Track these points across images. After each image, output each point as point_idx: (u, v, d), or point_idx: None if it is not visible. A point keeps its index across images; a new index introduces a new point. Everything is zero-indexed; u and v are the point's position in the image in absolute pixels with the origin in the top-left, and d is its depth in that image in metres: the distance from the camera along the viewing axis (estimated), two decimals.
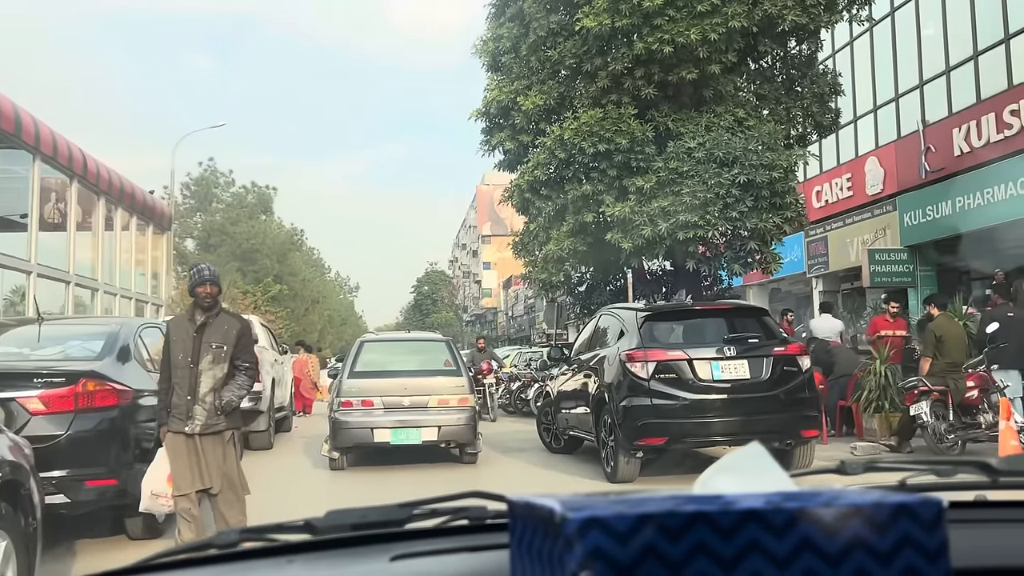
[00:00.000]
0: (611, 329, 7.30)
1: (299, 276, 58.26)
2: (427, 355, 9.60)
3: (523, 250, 14.76)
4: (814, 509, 0.60)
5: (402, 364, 9.35)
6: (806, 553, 0.59)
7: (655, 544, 0.58)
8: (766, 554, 0.59)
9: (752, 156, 12.00)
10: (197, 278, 4.92)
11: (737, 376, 6.45)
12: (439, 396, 8.83)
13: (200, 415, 4.79)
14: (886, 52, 18.49)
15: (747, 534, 0.59)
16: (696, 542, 0.58)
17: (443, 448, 9.28)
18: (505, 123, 14.29)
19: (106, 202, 12.18)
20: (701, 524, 0.59)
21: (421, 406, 8.76)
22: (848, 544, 0.60)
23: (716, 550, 0.58)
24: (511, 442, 11.43)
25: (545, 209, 13.59)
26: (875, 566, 0.60)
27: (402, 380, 8.91)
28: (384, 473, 8.76)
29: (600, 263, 14.03)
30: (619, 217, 12.35)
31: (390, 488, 7.59)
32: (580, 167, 12.81)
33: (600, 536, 0.57)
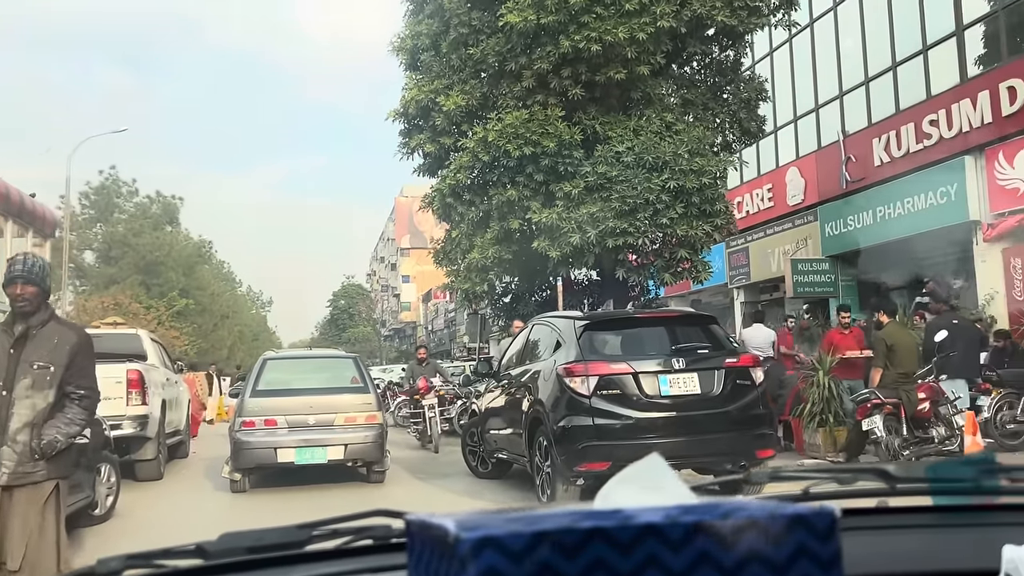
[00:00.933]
0: (545, 340, 6.57)
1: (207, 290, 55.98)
2: (333, 372, 9.41)
3: (445, 259, 13.99)
4: (711, 522, 0.60)
5: (307, 382, 9.08)
6: (703, 567, 0.59)
7: (551, 562, 0.57)
8: (664, 569, 0.59)
9: (682, 161, 11.59)
10: (7, 275, 3.74)
11: (687, 391, 5.80)
12: (345, 414, 8.63)
13: (8, 459, 3.55)
14: (806, 63, 18.57)
15: (645, 549, 0.59)
16: (593, 559, 0.58)
17: (350, 468, 9.06)
18: (425, 124, 13.53)
19: None
20: (598, 540, 0.58)
21: (327, 424, 8.55)
22: (745, 556, 0.60)
23: (614, 566, 0.58)
24: (432, 465, 10.60)
25: (468, 215, 12.87)
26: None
27: (307, 398, 8.67)
28: (289, 494, 8.47)
29: (526, 272, 13.39)
30: (546, 224, 11.74)
31: (295, 510, 7.17)
32: (505, 171, 12.16)
33: (494, 555, 0.57)
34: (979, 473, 1.08)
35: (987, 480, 1.09)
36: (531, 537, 0.57)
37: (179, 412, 10.50)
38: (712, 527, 0.60)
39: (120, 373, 7.89)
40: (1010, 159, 12.98)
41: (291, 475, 8.82)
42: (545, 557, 0.57)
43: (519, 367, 6.93)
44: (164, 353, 10.33)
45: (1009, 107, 12.84)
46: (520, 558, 0.57)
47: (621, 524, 0.59)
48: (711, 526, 0.61)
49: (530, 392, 6.30)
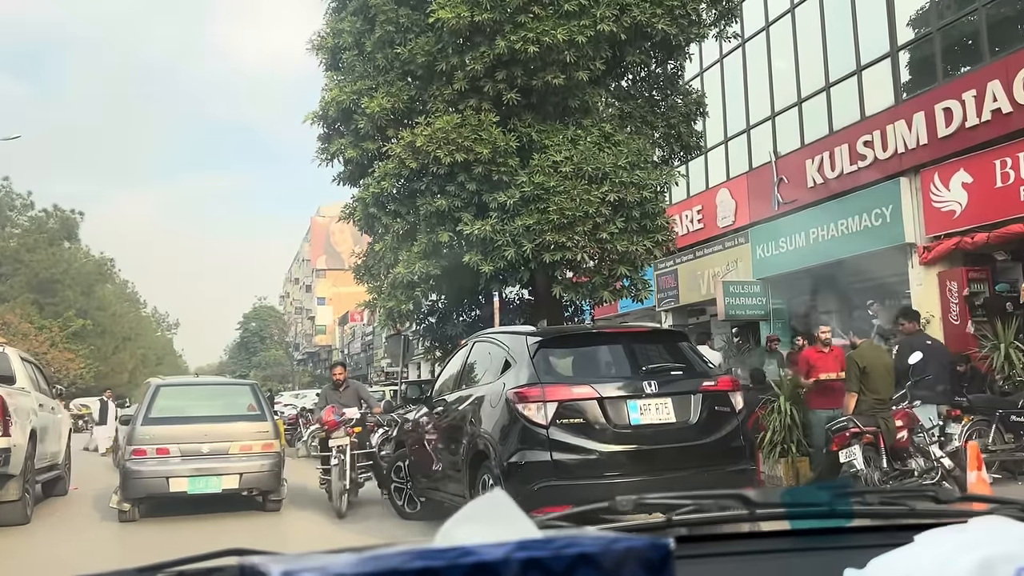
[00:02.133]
0: (490, 360, 5.58)
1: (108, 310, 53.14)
2: (228, 399, 9.31)
3: (366, 274, 12.94)
4: (543, 558, 0.59)
5: (201, 409, 8.89)
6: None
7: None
8: None
9: (622, 173, 10.94)
10: None
11: (660, 419, 4.90)
12: (241, 442, 8.55)
13: None
14: (737, 83, 18.38)
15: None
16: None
17: (245, 497, 8.88)
18: (346, 129, 12.52)
19: None
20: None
21: (222, 453, 8.44)
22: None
23: None
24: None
25: (393, 227, 11.89)
26: None
27: (201, 426, 8.52)
28: (181, 524, 8.23)
29: (454, 289, 12.47)
30: (478, 236, 10.88)
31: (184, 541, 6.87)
32: (434, 179, 11.26)
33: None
34: (833, 497, 1.14)
35: (840, 504, 1.13)
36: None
37: (56, 443, 9.10)
38: (544, 563, 0.60)
39: None
40: (946, 181, 12.85)
41: (185, 504, 8.62)
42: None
43: (457, 391, 5.93)
44: (39, 375, 8.93)
45: (945, 129, 12.73)
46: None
47: (451, 563, 0.58)
48: (543, 562, 0.60)
49: (472, 421, 5.31)
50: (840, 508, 1.12)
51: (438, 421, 6.11)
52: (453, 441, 5.59)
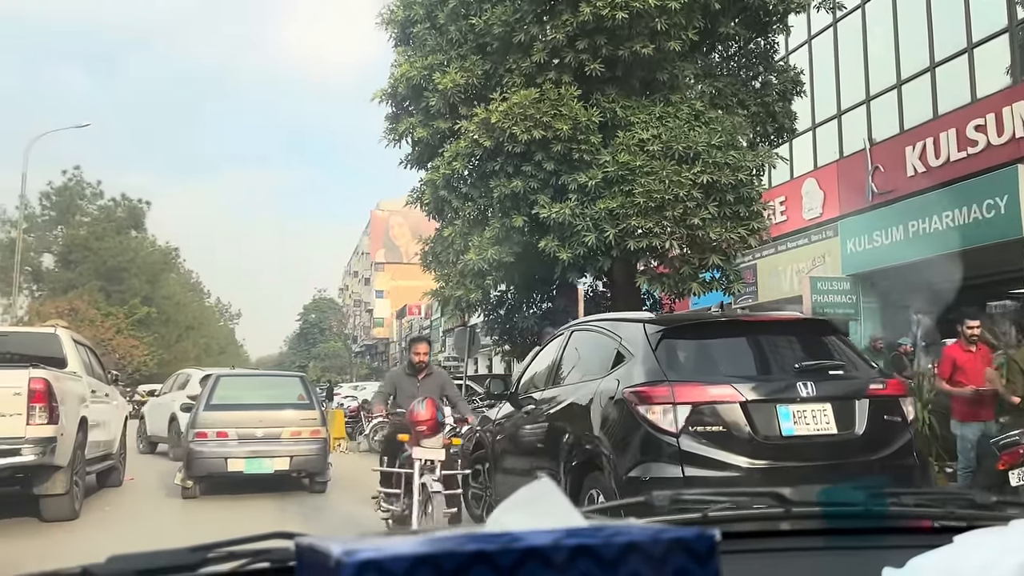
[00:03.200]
0: (596, 352, 4.68)
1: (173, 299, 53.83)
2: (281, 389, 10.09)
3: (434, 261, 12.22)
4: (594, 545, 0.60)
5: (256, 398, 9.66)
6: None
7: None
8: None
9: (716, 153, 9.98)
10: None
11: (818, 430, 3.94)
12: (291, 428, 9.25)
13: None
14: (827, 66, 17.16)
15: (527, 573, 0.58)
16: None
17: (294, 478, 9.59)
18: (416, 107, 11.82)
19: None
20: (480, 564, 0.58)
21: (274, 437, 9.15)
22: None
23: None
24: None
25: (464, 211, 11.14)
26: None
27: (256, 413, 9.24)
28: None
29: (527, 278, 11.67)
30: (556, 220, 10.06)
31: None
32: (510, 159, 10.46)
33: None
34: (868, 497, 1.15)
35: (876, 504, 1.14)
36: (413, 560, 0.57)
37: (107, 432, 8.58)
38: (594, 550, 0.60)
39: (19, 382, 6.03)
40: None
41: (240, 484, 9.32)
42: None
43: (551, 388, 5.07)
44: (93, 359, 8.42)
45: None
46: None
47: (503, 547, 0.59)
48: (593, 549, 0.60)
49: (574, 424, 4.44)
50: (876, 508, 1.13)
51: (528, 421, 5.26)
52: (549, 445, 4.74)
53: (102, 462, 8.36)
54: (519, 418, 5.49)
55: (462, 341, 14.03)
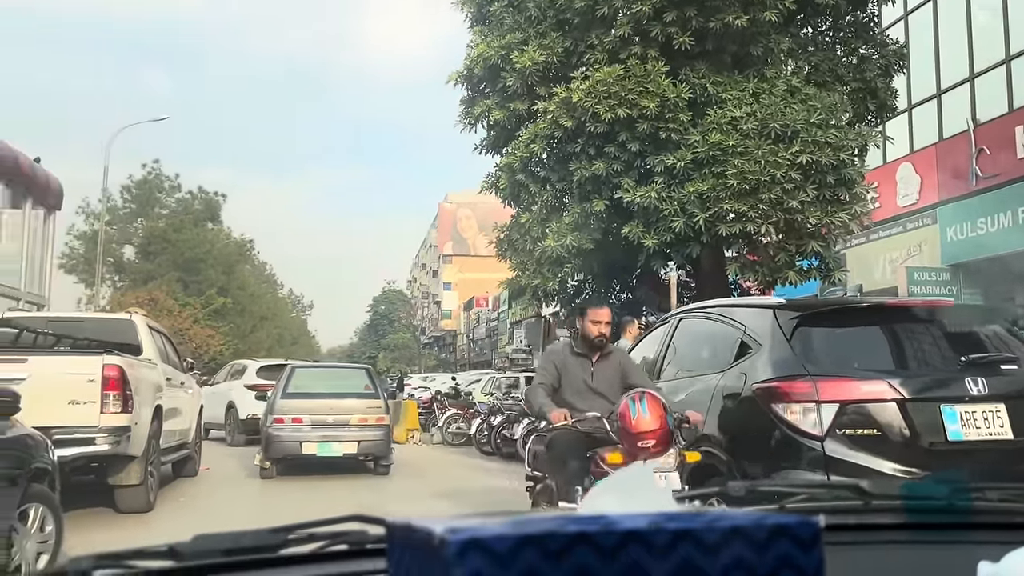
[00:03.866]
0: (712, 342, 4.08)
1: (247, 290, 54.84)
2: (349, 380, 10.82)
3: (509, 249, 11.78)
4: (695, 530, 0.60)
5: (328, 387, 10.37)
6: (687, 574, 0.59)
7: (536, 566, 0.57)
8: (647, 575, 0.58)
9: (815, 131, 9.28)
10: None
11: (992, 434, 3.31)
12: (359, 415, 9.98)
13: None
14: (924, 42, 16.06)
15: (629, 555, 0.58)
16: (577, 563, 0.57)
17: (360, 460, 10.35)
18: (492, 88, 11.39)
19: None
20: (583, 545, 0.58)
21: (343, 423, 9.89)
22: (728, 565, 0.60)
23: (597, 571, 0.58)
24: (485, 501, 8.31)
25: (543, 196, 10.68)
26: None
27: (327, 401, 9.97)
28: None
29: (607, 266, 11.13)
30: (641, 205, 9.51)
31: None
32: (592, 140, 9.95)
33: (480, 558, 0.56)
34: (951, 492, 1.12)
35: (959, 499, 1.12)
36: (517, 540, 0.57)
37: (183, 421, 8.43)
38: (696, 535, 0.60)
39: (93, 368, 5.84)
40: None
41: (311, 466, 10.11)
42: (530, 560, 0.57)
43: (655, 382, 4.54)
44: (168, 346, 8.27)
45: None
46: (505, 561, 0.56)
47: (605, 529, 0.59)
48: (695, 533, 0.60)
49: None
50: (959, 503, 1.11)
51: None
52: None
53: (177, 451, 8.21)
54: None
55: (536, 333, 13.58)
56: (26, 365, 5.77)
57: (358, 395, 10.25)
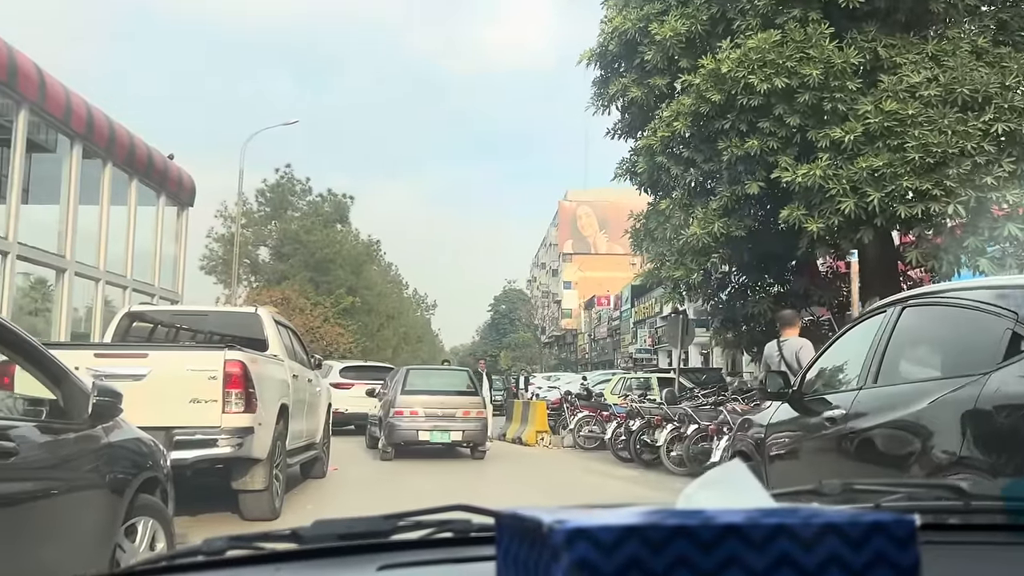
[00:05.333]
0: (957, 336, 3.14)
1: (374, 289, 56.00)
2: (454, 379, 12.79)
3: (647, 239, 10.91)
4: (792, 525, 0.61)
5: (436, 385, 12.25)
6: (784, 568, 0.60)
7: (638, 556, 0.58)
8: (745, 568, 0.60)
9: (1013, 96, 7.94)
10: None
11: None
12: (462, 409, 11.72)
13: None
14: None
15: (727, 548, 0.59)
16: (678, 555, 0.59)
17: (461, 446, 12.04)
18: (628, 66, 10.56)
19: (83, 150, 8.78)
20: (683, 537, 0.59)
21: (451, 416, 11.60)
22: (824, 560, 0.61)
23: (697, 563, 0.59)
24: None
25: (686, 179, 9.76)
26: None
27: (438, 397, 11.76)
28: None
29: (758, 255, 10.08)
30: (802, 185, 8.44)
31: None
32: (743, 115, 8.96)
33: (586, 547, 0.58)
34: None
35: None
36: (621, 531, 0.59)
37: (311, 421, 8.05)
38: (792, 530, 0.61)
39: (214, 365, 5.41)
40: None
41: (420, 451, 11.93)
42: (633, 550, 0.58)
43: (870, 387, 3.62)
44: (295, 341, 7.90)
45: None
46: (610, 550, 0.58)
47: (704, 523, 0.60)
48: (792, 528, 0.61)
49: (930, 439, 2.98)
50: None
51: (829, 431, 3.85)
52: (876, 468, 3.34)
53: (305, 452, 7.82)
54: (812, 426, 4.10)
55: (674, 329, 12.67)
56: (147, 361, 5.44)
57: (461, 392, 12.12)
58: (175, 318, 6.75)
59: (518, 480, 9.96)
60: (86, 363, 5.28)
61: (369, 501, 7.88)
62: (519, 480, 9.96)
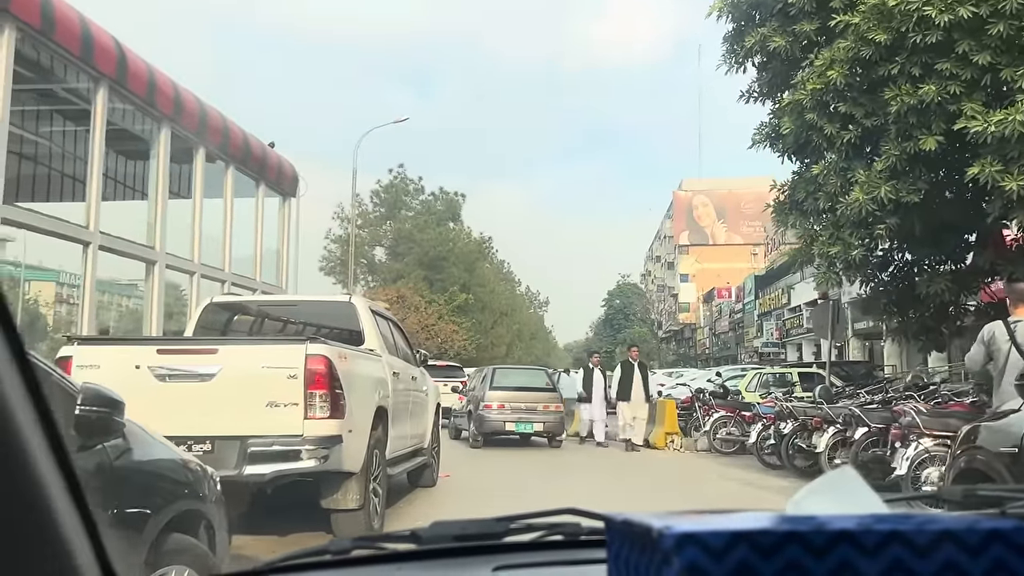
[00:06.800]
0: None
1: (487, 287, 55.76)
2: (533, 377, 14.73)
3: (794, 211, 9.47)
4: (906, 531, 0.60)
5: (519, 382, 14.05)
6: (897, 575, 0.60)
7: (748, 561, 0.59)
8: (857, 574, 0.59)
9: None
10: None
11: None
12: (542, 403, 13.51)
13: None
14: None
15: (839, 555, 0.59)
16: (789, 560, 0.59)
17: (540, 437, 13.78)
18: (767, 13, 9.18)
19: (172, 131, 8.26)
20: (794, 543, 0.59)
21: (532, 409, 13.37)
22: (940, 568, 0.60)
23: (808, 569, 0.59)
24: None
25: (842, 137, 8.30)
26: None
27: (521, 393, 13.50)
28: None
29: (933, 224, 8.48)
30: (996, 136, 6.87)
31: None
32: (915, 55, 7.45)
33: (696, 552, 0.58)
34: None
35: None
36: (730, 536, 0.59)
37: (418, 423, 7.16)
38: (907, 536, 0.60)
39: (293, 361, 4.51)
40: None
41: (504, 441, 13.68)
42: (743, 556, 0.58)
43: None
44: (396, 334, 6.98)
45: None
46: (720, 555, 0.58)
47: (816, 529, 0.59)
48: (905, 535, 0.60)
49: None
50: None
51: None
52: None
53: (411, 460, 6.93)
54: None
55: (823, 317, 11.11)
56: (216, 357, 4.60)
57: (540, 389, 13.86)
58: (262, 309, 5.97)
59: (656, 489, 8.77)
60: (148, 360, 4.52)
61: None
62: (656, 489, 8.77)
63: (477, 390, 13.88)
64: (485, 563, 1.03)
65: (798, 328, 35.60)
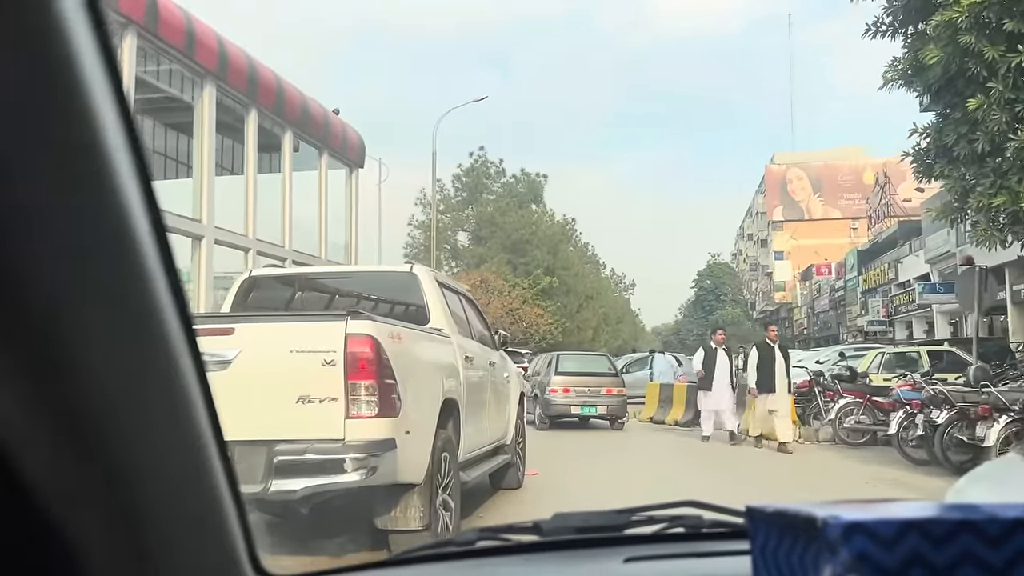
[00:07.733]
0: None
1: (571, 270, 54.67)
2: (596, 363, 16.07)
3: (940, 159, 7.94)
4: None
5: (584, 368, 15.10)
6: None
7: (920, 550, 0.57)
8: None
9: None
10: None
11: None
12: (605, 387, 14.50)
13: None
14: None
15: (1016, 543, 0.58)
16: (962, 550, 0.57)
17: (604, 419, 14.68)
18: None
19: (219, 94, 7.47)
20: (967, 532, 0.58)
21: (596, 393, 14.33)
22: None
23: (983, 558, 0.57)
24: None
25: (1009, 62, 6.75)
26: None
27: (585, 377, 14.47)
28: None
29: None
30: None
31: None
32: None
33: (865, 541, 0.57)
34: None
35: None
36: (901, 525, 0.57)
37: (502, 416, 6.07)
38: None
39: (330, 341, 3.47)
40: None
41: (569, 424, 14.55)
42: (914, 545, 0.57)
43: None
44: (471, 311, 5.82)
45: None
46: (890, 545, 0.57)
47: (990, 517, 0.58)
48: None
49: None
50: None
51: None
52: None
53: (491, 460, 5.85)
54: None
55: (968, 285, 9.49)
56: (233, 339, 3.54)
57: (603, 374, 14.63)
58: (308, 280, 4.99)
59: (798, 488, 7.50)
60: None
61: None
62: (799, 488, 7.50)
63: (542, 375, 14.74)
64: (614, 555, 1.02)
65: (908, 304, 33.34)
